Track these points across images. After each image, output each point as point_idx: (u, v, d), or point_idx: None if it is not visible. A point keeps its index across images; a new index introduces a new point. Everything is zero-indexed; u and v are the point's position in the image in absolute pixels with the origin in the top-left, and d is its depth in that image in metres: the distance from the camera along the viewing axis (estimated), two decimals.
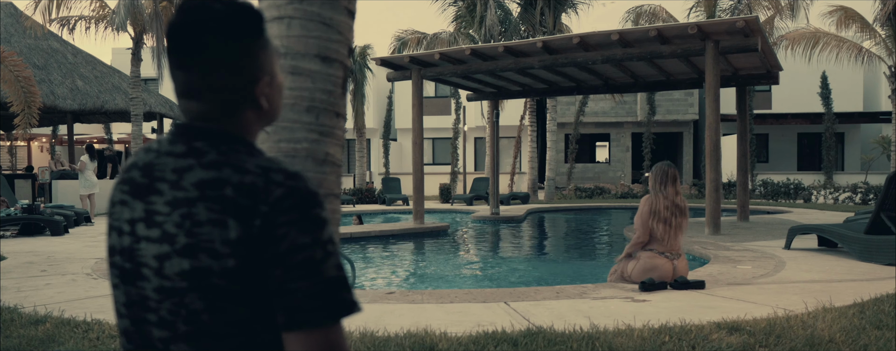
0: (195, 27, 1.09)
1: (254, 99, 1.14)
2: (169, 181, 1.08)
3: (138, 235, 1.10)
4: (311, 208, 1.05)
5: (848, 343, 3.87)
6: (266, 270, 1.03)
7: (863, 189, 19.47)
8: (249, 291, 1.04)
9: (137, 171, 1.14)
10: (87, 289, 5.89)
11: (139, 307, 1.10)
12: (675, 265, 5.70)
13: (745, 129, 13.54)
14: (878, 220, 7.19)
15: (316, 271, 1.03)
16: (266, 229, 1.03)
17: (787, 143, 28.12)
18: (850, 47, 18.45)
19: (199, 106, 1.12)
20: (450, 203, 20.89)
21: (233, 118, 1.13)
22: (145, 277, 1.09)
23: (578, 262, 9.46)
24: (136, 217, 1.11)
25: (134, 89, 16.51)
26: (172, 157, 1.10)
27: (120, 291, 1.14)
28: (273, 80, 1.16)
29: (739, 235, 10.21)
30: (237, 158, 1.08)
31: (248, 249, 1.03)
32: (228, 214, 1.03)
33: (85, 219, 13.18)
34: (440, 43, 21.54)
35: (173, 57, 1.12)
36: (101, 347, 3.91)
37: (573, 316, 4.60)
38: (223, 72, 1.11)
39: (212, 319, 1.05)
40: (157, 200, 1.09)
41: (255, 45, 1.13)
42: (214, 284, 1.04)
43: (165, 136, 1.15)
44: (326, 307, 1.03)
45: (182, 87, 1.13)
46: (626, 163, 28.54)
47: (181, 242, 1.05)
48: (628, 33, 10.59)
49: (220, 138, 1.11)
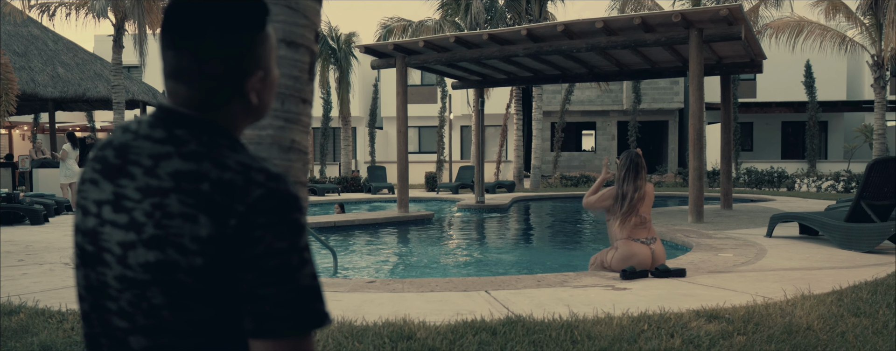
0: (196, 9, 1.04)
1: (244, 93, 1.09)
2: (143, 166, 1.04)
3: (104, 218, 1.05)
4: (291, 212, 1.01)
5: (825, 330, 3.89)
6: (237, 272, 0.99)
7: (845, 177, 19.63)
8: (215, 292, 1.00)
9: (112, 151, 1.08)
10: (64, 279, 5.82)
11: (99, 293, 1.07)
12: (652, 250, 5.70)
13: (729, 118, 13.58)
14: (858, 208, 7.23)
15: (290, 279, 0.98)
16: (241, 231, 0.98)
17: (771, 131, 28.27)
18: (834, 36, 18.54)
19: (186, 90, 1.07)
20: (435, 192, 20.87)
21: (219, 109, 1.08)
22: (107, 262, 1.05)
23: (562, 250, 9.47)
24: (104, 199, 1.06)
25: (116, 77, 16.32)
26: (150, 141, 1.05)
27: (81, 273, 1.10)
28: (267, 75, 1.12)
29: (722, 223, 10.25)
30: (218, 152, 1.03)
31: (218, 249, 0.98)
32: (202, 209, 0.99)
33: (65, 208, 13.05)
34: (426, 30, 21.44)
35: (167, 35, 1.06)
36: (74, 337, 3.86)
37: (553, 304, 4.59)
38: (216, 61, 1.06)
39: (173, 315, 1.01)
40: (127, 183, 1.04)
41: (255, 39, 1.08)
42: (179, 280, 0.99)
43: (146, 118, 1.10)
44: (296, 317, 0.99)
45: (172, 68, 1.07)
46: (612, 151, 28.60)
47: (148, 233, 1.00)
48: (612, 21, 10.57)
49: (202, 128, 1.06)
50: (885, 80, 17.93)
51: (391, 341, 3.63)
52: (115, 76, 16.33)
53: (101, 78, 18.30)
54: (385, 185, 20.50)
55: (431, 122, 28.80)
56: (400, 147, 12.94)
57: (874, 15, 17.57)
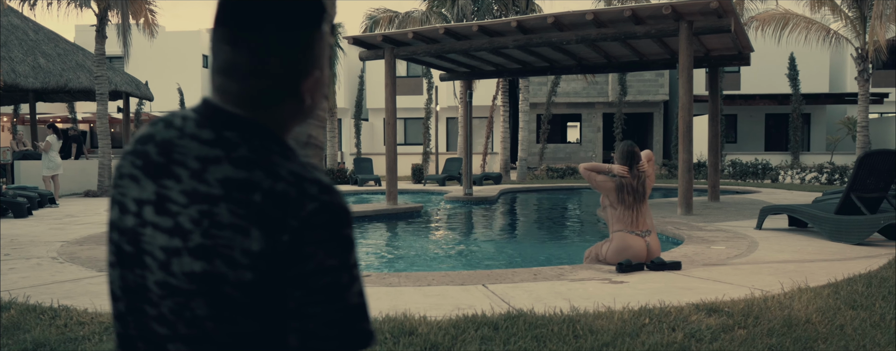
0: (255, 2, 0.99)
1: (298, 93, 1.04)
2: (190, 169, 0.99)
3: (145, 219, 1.01)
4: (343, 228, 0.97)
5: (824, 323, 3.90)
6: (285, 288, 0.95)
7: (828, 169, 19.80)
8: (262, 306, 0.96)
9: (154, 147, 1.03)
10: (54, 273, 5.73)
11: (137, 296, 1.02)
12: (647, 242, 5.70)
13: (717, 110, 13.64)
14: (848, 200, 7.28)
15: (339, 297, 0.95)
16: (293, 246, 0.94)
17: (754, 123, 28.46)
18: (819, 29, 18.64)
19: (238, 88, 1.02)
20: (422, 183, 20.83)
21: (269, 109, 1.03)
22: (148, 266, 1.00)
23: (553, 242, 9.48)
24: (145, 198, 1.02)
25: (99, 67, 16.06)
26: (198, 142, 1.00)
27: (116, 273, 1.05)
28: (321, 74, 1.07)
29: (711, 215, 10.30)
30: (270, 160, 0.98)
31: (269, 264, 0.94)
32: (254, 222, 0.94)
33: (49, 200, 12.87)
34: (412, 22, 21.33)
35: (222, 28, 1.01)
36: (68, 334, 3.79)
37: (552, 298, 4.58)
38: (275, 58, 1.00)
39: (217, 328, 0.97)
40: (172, 185, 0.99)
41: (313, 36, 1.03)
42: (225, 293, 0.95)
43: (190, 114, 1.04)
44: (344, 337, 0.95)
45: (224, 63, 1.02)
46: (598, 143, 28.69)
47: (195, 242, 0.96)
48: (603, 13, 10.55)
49: (253, 131, 1.01)
50: (869, 72, 18.07)
51: (393, 337, 3.60)
52: (98, 67, 16.08)
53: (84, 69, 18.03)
54: (371, 177, 20.42)
55: (417, 113, 28.69)
56: (389, 139, 12.87)
57: (859, 8, 17.68)
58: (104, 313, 4.16)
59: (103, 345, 3.60)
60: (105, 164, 15.98)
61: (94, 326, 3.90)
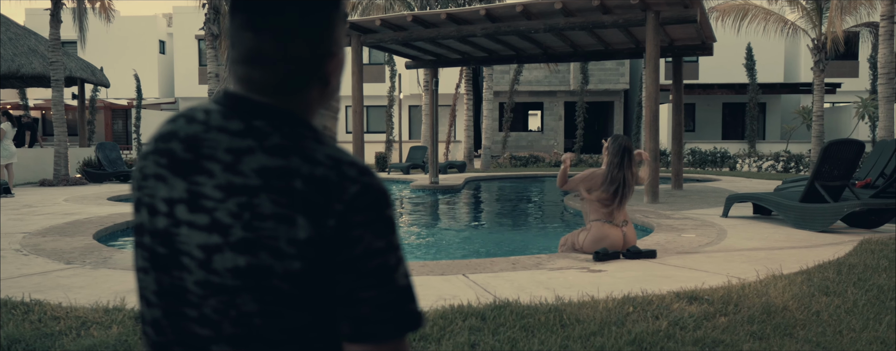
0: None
1: (323, 76, 1.02)
2: (222, 162, 0.95)
3: (178, 219, 0.97)
4: (386, 208, 0.95)
5: (801, 310, 4.00)
6: (334, 274, 0.93)
7: (785, 158, 20.28)
8: (312, 297, 0.93)
9: (179, 144, 0.99)
10: (20, 266, 5.56)
11: (175, 299, 0.98)
12: (624, 233, 5.75)
13: (680, 99, 13.84)
14: (812, 189, 7.46)
15: (389, 279, 0.93)
16: (340, 231, 0.92)
17: (712, 112, 28.97)
18: (777, 20, 19.02)
19: (261, 75, 0.99)
20: (386, 172, 20.73)
21: (296, 95, 1.00)
22: (186, 267, 0.96)
23: (524, 230, 9.53)
24: (176, 197, 0.98)
25: (54, 53, 15.56)
26: (226, 134, 0.97)
27: (150, 278, 1.01)
28: (343, 55, 1.04)
29: (677, 203, 10.47)
30: (304, 145, 0.95)
31: (317, 252, 0.92)
32: (298, 210, 0.91)
33: (4, 190, 12.48)
34: (376, 9, 21.15)
35: (242, 15, 0.98)
36: (43, 329, 3.68)
37: (534, 287, 4.60)
38: (300, 41, 0.98)
39: (265, 323, 0.93)
40: (204, 181, 0.96)
41: (334, 17, 1.00)
42: (274, 286, 0.92)
43: (213, 107, 1.01)
44: (396, 320, 0.94)
45: (247, 51, 0.98)
46: (559, 131, 28.91)
47: (237, 236, 0.92)
48: (571, 2, 10.58)
49: (283, 118, 0.98)
50: (825, 63, 18.51)
51: None
52: (53, 52, 15.58)
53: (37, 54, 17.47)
54: None
55: (380, 101, 28.52)
56: (356, 127, 12.77)
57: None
58: (79, 308, 4.04)
59: (81, 340, 3.50)
60: (61, 152, 15.53)
61: (70, 321, 3.79)
